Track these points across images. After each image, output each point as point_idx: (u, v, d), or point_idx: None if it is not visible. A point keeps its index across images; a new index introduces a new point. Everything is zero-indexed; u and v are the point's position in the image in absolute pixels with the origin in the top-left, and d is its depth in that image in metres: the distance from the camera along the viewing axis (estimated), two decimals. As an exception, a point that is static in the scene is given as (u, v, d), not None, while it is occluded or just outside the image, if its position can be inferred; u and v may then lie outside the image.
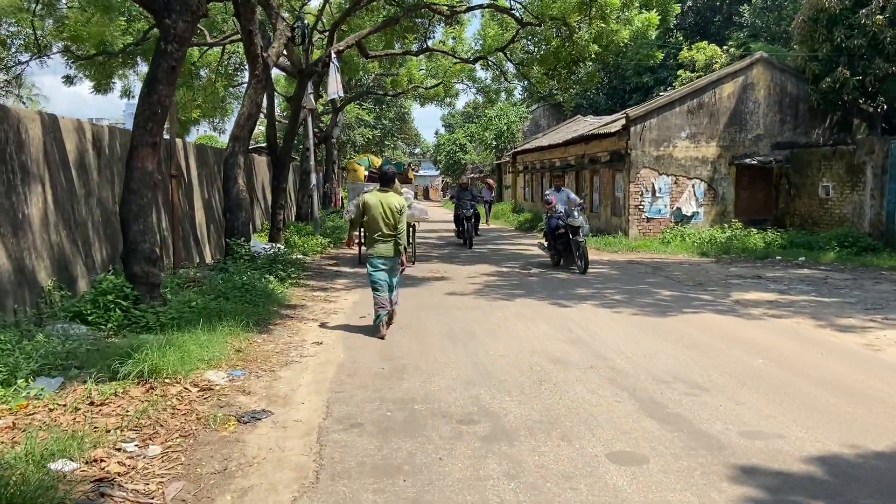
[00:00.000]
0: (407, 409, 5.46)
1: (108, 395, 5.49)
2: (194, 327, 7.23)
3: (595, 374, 6.45)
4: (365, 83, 33.59)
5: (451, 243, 21.07)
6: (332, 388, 6.02)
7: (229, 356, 6.81)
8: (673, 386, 6.06)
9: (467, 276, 13.71)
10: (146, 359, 5.92)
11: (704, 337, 8.05)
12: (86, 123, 9.68)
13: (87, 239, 9.23)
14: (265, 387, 6.07)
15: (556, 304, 10.32)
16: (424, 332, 8.32)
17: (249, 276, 10.40)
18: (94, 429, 4.83)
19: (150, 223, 8.29)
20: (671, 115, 20.30)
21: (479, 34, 24.85)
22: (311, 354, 7.21)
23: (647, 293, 11.34)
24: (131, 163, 8.20)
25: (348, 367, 6.74)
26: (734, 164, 20.39)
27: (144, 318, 7.68)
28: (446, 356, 7.13)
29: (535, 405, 5.54)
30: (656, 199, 20.33)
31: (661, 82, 36.84)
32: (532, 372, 6.52)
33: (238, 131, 13.16)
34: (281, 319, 8.93)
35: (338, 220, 23.04)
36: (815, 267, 15.14)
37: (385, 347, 7.59)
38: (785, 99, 20.60)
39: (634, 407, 5.50)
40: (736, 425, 5.10)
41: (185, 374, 6.01)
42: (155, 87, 8.19)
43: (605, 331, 8.37)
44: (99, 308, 7.81)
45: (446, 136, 62.22)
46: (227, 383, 6.06)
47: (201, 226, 14.71)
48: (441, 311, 9.81)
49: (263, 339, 7.82)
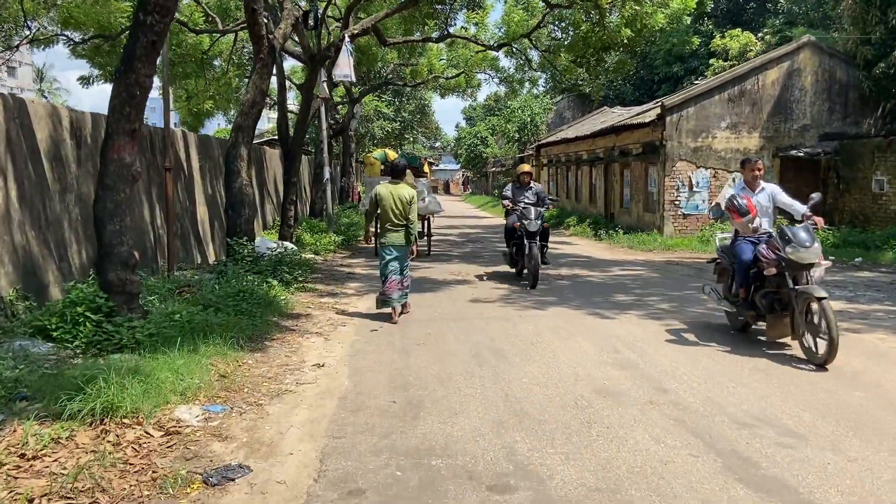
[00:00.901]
0: (422, 465, 4.25)
1: (45, 443, 4.35)
2: (173, 346, 6.10)
3: (657, 412, 5.20)
4: (383, 74, 32.37)
5: (481, 253, 19.41)
6: (330, 432, 4.83)
7: (210, 384, 5.65)
8: (759, 432, 4.80)
9: (492, 279, 12.47)
10: (100, 393, 4.77)
11: (778, 358, 6.75)
12: (62, 109, 8.58)
13: (61, 240, 8.13)
14: (248, 428, 4.89)
15: (594, 314, 9.06)
16: (444, 351, 7.12)
17: (249, 280, 9.25)
18: (12, 499, 3.69)
19: (127, 223, 7.15)
20: (710, 103, 18.89)
21: (504, 20, 23.52)
22: (309, 381, 6.02)
23: (696, 301, 10.04)
24: (106, 154, 7.05)
25: (352, 399, 5.55)
26: (778, 157, 18.94)
27: (118, 333, 6.56)
28: (471, 385, 5.92)
29: (587, 461, 4.31)
30: (693, 195, 18.95)
31: (692, 72, 35.25)
32: (577, 408, 5.29)
33: (242, 120, 12.00)
34: (280, 333, 7.76)
35: (354, 217, 21.91)
36: (876, 269, 13.72)
37: (398, 370, 6.39)
38: (834, 86, 19.10)
39: (716, 465, 4.25)
40: (858, 496, 3.84)
41: (150, 413, 4.85)
42: (132, 65, 7.01)
43: (658, 351, 7.11)
44: (66, 322, 6.68)
45: (467, 130, 60.85)
46: (200, 424, 4.90)
47: (203, 223, 13.62)
48: (463, 322, 8.60)
49: (256, 359, 6.66)
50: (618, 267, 14.21)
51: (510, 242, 11.81)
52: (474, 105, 61.83)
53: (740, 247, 7.41)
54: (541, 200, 11.59)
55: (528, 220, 11.02)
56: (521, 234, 11.15)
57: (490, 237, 22.52)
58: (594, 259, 15.78)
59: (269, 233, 17.86)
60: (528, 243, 10.96)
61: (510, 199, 11.57)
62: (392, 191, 8.69)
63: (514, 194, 11.67)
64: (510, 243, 11.82)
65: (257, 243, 12.33)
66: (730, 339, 7.59)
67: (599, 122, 28.53)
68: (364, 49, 25.79)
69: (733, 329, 7.91)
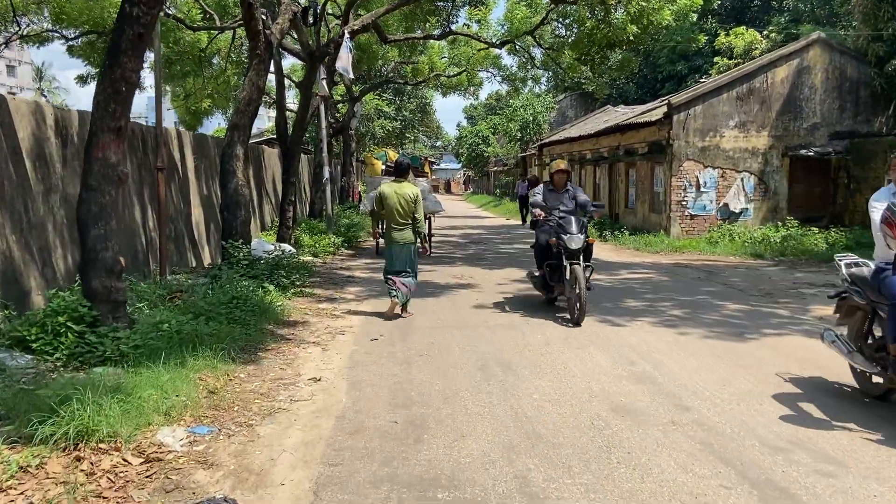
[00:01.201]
0: (427, 499, 3.85)
1: (13, 473, 3.96)
2: (160, 359, 5.70)
3: (680, 434, 4.80)
4: (384, 73, 31.93)
5: (484, 255, 19.00)
6: (326, 458, 4.42)
7: (198, 402, 5.24)
8: (794, 457, 4.39)
9: (496, 282, 12.07)
10: (74, 415, 4.37)
11: (806, 372, 6.35)
12: (47, 106, 8.17)
13: (45, 244, 7.73)
14: (236, 453, 4.48)
15: (605, 321, 8.64)
16: (449, 363, 6.71)
17: (244, 285, 8.83)
18: (-34, 541, 3.30)
19: (113, 226, 6.74)
20: (718, 101, 18.46)
21: (506, 17, 23.10)
22: (304, 398, 5.62)
23: (710, 307, 9.64)
24: (90, 153, 6.65)
25: (350, 418, 5.14)
26: (787, 156, 18.52)
27: (102, 345, 6.16)
28: (478, 402, 5.51)
29: (608, 492, 3.90)
30: (701, 195, 18.52)
31: (696, 70, 34.86)
32: (594, 429, 4.88)
33: (238, 118, 11.58)
34: (275, 343, 7.35)
35: (354, 217, 21.49)
36: (892, 272, 13.28)
37: (399, 385, 5.98)
38: (845, 84, 18.66)
39: (752, 499, 3.84)
40: (915, 537, 3.44)
41: (129, 436, 4.45)
42: (118, 59, 6.62)
43: (675, 362, 6.70)
44: (47, 333, 6.28)
45: (468, 129, 60.42)
46: (184, 448, 4.49)
47: (199, 225, 13.21)
48: (468, 330, 8.19)
49: (248, 372, 6.25)
50: (626, 270, 13.80)
51: (543, 262, 9.15)
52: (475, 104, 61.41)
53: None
54: (581, 207, 9.13)
55: (568, 234, 8.56)
56: (557, 253, 8.74)
57: (493, 238, 22.14)
58: (601, 261, 15.31)
59: (268, 234, 17.46)
60: (568, 265, 8.50)
61: (542, 207, 9.13)
62: (396, 190, 8.71)
63: (547, 200, 9.24)
64: (543, 263, 9.15)
65: (254, 245, 11.93)
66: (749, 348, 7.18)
67: (603, 121, 28.11)
68: (365, 47, 25.36)
69: (868, 397, 5.55)
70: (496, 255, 16.69)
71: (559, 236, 8.64)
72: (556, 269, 8.91)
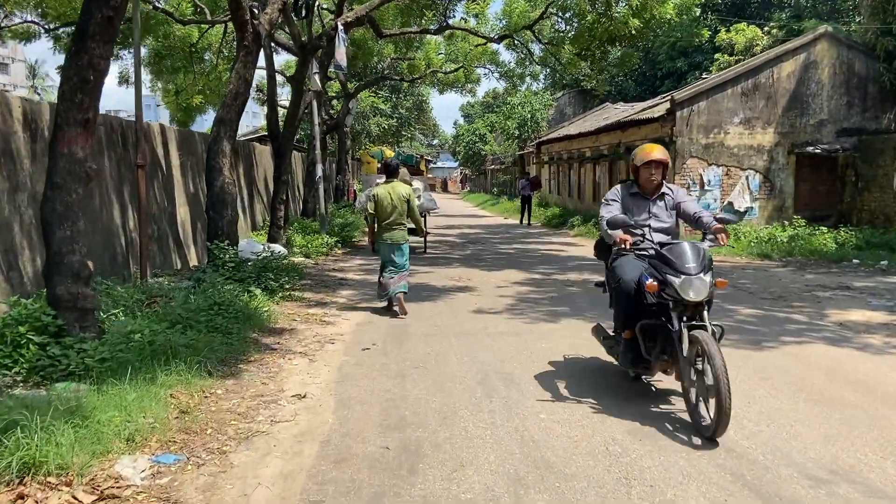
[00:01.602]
0: (422, 547, 3.31)
1: (-58, 515, 3.42)
2: (125, 375, 5.16)
3: (707, 462, 4.26)
4: (380, 69, 31.35)
5: (482, 256, 18.27)
6: (307, 493, 3.88)
7: (167, 424, 4.69)
8: (838, 490, 3.86)
9: (496, 285, 11.53)
10: (19, 445, 3.83)
11: (833, 386, 5.83)
12: (13, 99, 7.61)
13: (10, 246, 7.17)
14: (204, 487, 3.94)
15: (612, 328, 8.11)
16: (446, 376, 6.16)
17: (227, 290, 8.28)
18: None
19: (80, 227, 6.19)
20: (722, 97, 17.93)
21: (505, 11, 22.53)
22: (286, 418, 5.07)
23: (721, 311, 9.10)
24: (55, 148, 6.11)
25: (336, 443, 4.59)
26: (794, 153, 17.99)
27: (66, 358, 5.62)
28: (479, 422, 4.97)
29: (632, 538, 3.37)
30: (705, 193, 17.99)
31: (696, 67, 34.37)
32: (609, 456, 4.35)
33: (224, 113, 11.02)
34: (258, 353, 6.80)
35: (349, 216, 20.92)
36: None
37: (392, 402, 5.44)
38: (852, 79, 18.14)
39: (799, 545, 3.31)
40: None
41: (83, 468, 3.91)
42: (85, 44, 6.07)
43: (692, 374, 6.15)
44: (6, 344, 5.75)
45: (465, 127, 59.88)
46: (146, 482, 3.95)
47: (185, 224, 12.65)
48: (467, 338, 7.65)
49: (226, 388, 5.71)
50: (629, 271, 13.25)
51: (630, 318, 5.33)
52: (472, 103, 60.90)
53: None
54: (693, 222, 5.59)
55: (681, 273, 4.90)
56: (659, 305, 5.11)
57: (491, 237, 21.62)
58: (603, 262, 14.83)
59: (259, 234, 16.92)
60: (681, 328, 4.93)
61: (626, 225, 5.35)
62: (389, 190, 8.90)
63: (629, 210, 5.65)
64: (630, 319, 5.33)
65: (242, 246, 11.39)
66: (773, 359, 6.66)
67: (602, 118, 27.59)
68: (360, 43, 24.79)
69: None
70: (495, 256, 16.16)
71: (665, 276, 4.97)
72: (658, 333, 5.24)
